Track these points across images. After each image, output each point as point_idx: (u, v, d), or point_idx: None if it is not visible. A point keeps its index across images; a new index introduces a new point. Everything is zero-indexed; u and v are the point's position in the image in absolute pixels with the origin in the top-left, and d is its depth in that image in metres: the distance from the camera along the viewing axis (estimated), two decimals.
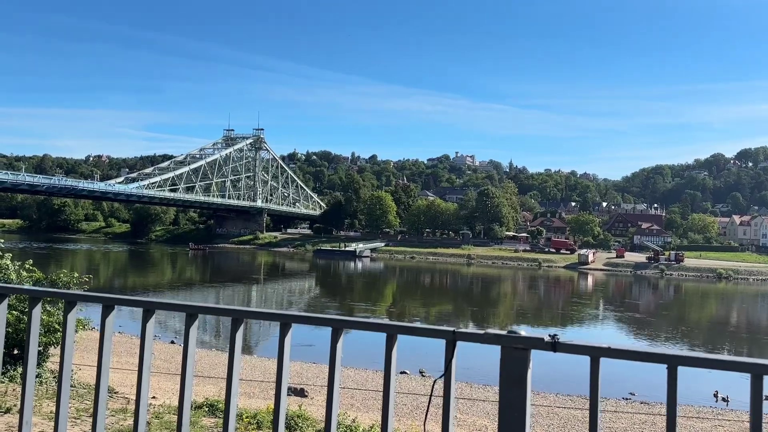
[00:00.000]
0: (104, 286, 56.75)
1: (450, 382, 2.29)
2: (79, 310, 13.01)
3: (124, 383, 14.59)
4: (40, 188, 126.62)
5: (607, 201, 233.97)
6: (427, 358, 23.42)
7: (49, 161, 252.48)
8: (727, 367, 2.05)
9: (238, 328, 2.60)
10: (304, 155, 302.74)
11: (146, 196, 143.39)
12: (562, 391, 22.54)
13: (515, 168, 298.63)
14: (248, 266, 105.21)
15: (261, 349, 30.66)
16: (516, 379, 2.18)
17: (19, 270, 14.42)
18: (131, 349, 22.89)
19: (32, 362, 2.94)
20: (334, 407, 2.48)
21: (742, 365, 2.01)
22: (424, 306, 59.38)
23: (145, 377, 2.66)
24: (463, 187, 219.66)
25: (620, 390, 22.88)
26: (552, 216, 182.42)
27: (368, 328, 2.51)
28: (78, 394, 12.11)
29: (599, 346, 2.16)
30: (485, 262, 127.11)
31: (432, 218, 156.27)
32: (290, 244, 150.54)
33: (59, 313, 13.56)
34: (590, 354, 2.17)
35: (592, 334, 44.59)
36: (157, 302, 2.82)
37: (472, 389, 21.87)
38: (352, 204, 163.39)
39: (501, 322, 48.86)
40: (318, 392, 19.43)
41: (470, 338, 2.26)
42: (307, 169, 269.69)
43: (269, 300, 60.07)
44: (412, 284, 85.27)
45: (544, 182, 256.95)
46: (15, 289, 3.81)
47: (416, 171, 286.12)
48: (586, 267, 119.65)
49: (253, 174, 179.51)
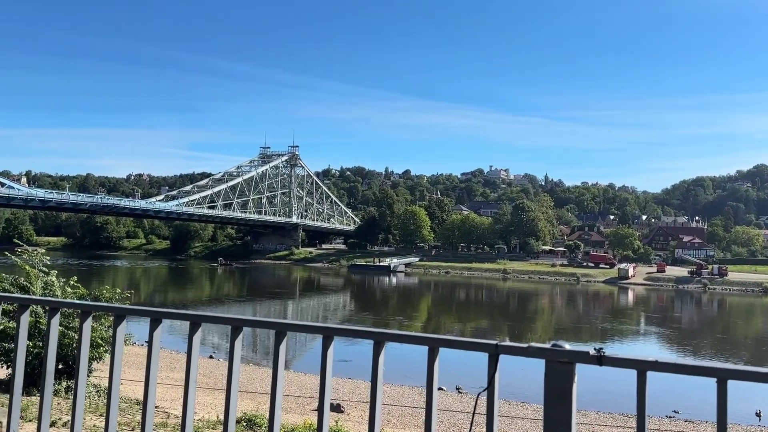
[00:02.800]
0: (145, 302, 57.84)
1: (493, 397, 2.28)
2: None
3: (164, 397, 14.80)
4: (84, 206, 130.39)
5: (646, 214, 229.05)
6: (463, 375, 23.16)
7: (92, 180, 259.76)
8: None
9: (281, 341, 2.63)
10: (338, 171, 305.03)
11: (185, 213, 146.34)
12: (603, 409, 21.99)
13: (551, 181, 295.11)
14: (284, 281, 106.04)
15: (297, 363, 30.77)
16: (561, 393, 2.15)
17: (64, 286, 14.84)
18: (171, 363, 23.24)
19: (83, 375, 3.03)
20: (377, 422, 2.48)
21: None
22: (461, 321, 58.85)
23: (191, 390, 2.71)
24: (498, 201, 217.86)
25: (663, 407, 22.20)
26: (590, 230, 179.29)
27: (410, 341, 2.51)
28: (120, 408, 12.33)
29: (646, 359, 2.11)
30: (521, 277, 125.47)
31: (466, 232, 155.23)
32: (325, 259, 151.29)
33: (102, 328, 13.88)
34: (637, 368, 2.12)
35: (634, 349, 43.51)
36: (204, 315, 2.88)
37: (510, 406, 21.51)
38: (386, 219, 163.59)
39: (540, 337, 48.09)
40: (354, 408, 19.37)
41: (513, 352, 2.24)
42: (341, 184, 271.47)
43: (306, 315, 60.38)
44: (447, 299, 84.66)
45: (582, 195, 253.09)
46: (65, 304, 3.93)
47: (450, 185, 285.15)
48: (626, 282, 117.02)
49: (288, 190, 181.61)
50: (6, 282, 14.57)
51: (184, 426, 2.70)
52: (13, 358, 3.36)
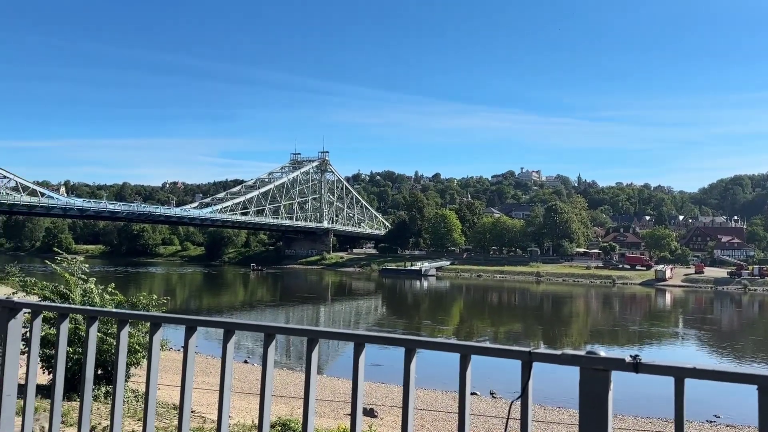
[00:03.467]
0: (181, 308, 58.82)
1: (527, 405, 2.25)
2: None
3: (200, 402, 15.01)
4: (120, 215, 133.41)
5: (683, 214, 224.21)
6: (497, 379, 22.99)
7: (128, 189, 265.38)
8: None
9: (313, 348, 2.65)
10: (368, 176, 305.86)
11: (219, 220, 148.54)
12: (640, 413, 21.53)
13: (584, 182, 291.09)
14: (316, 286, 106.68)
15: (330, 368, 30.89)
16: (596, 401, 2.11)
17: (102, 293, 15.19)
18: (206, 368, 23.56)
19: (121, 381, 3.09)
20: (410, 429, 2.47)
21: None
22: (494, 325, 58.35)
23: (226, 397, 2.74)
24: (530, 203, 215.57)
25: (704, 412, 21.64)
26: (625, 231, 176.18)
27: (442, 348, 2.49)
28: (157, 413, 12.53)
29: (684, 366, 2.06)
30: (555, 280, 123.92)
31: (498, 235, 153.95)
32: (356, 263, 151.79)
33: (138, 335, 14.16)
34: (674, 375, 2.07)
35: (673, 353, 42.52)
36: (238, 323, 2.91)
37: (546, 411, 21.23)
38: (417, 223, 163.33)
39: (575, 341, 47.37)
40: (387, 413, 19.35)
41: (547, 359, 2.21)
42: (371, 189, 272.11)
43: (338, 320, 60.60)
44: (480, 303, 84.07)
45: (616, 196, 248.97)
46: (103, 312, 4.02)
47: (480, 188, 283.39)
48: (663, 283, 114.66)
49: (319, 196, 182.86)
50: (47, 290, 14.99)
51: (220, 430, 2.74)
52: (53, 365, 3.45)
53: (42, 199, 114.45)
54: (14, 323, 3.44)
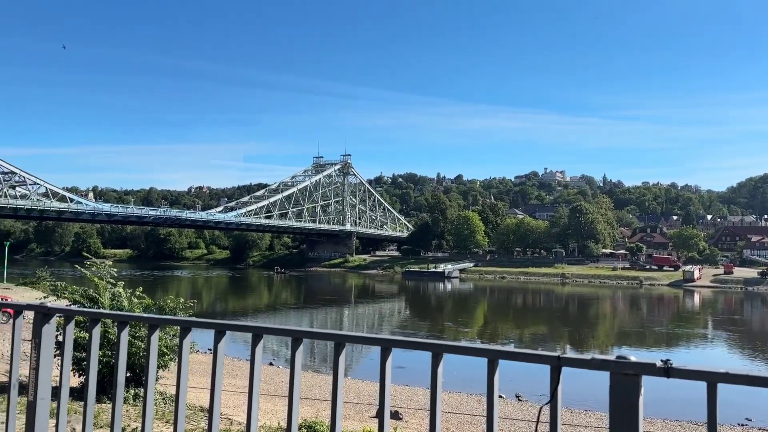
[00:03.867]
0: (207, 311, 59.42)
1: (556, 410, 2.23)
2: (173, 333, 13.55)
3: (227, 404, 15.15)
4: (147, 219, 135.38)
5: (711, 213, 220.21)
6: (523, 382, 22.78)
7: (155, 194, 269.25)
8: None
9: (340, 352, 2.66)
10: (390, 178, 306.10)
11: (243, 224, 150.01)
12: (670, 416, 21.18)
13: (609, 182, 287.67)
14: (340, 289, 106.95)
15: (354, 370, 30.95)
16: (627, 406, 2.09)
17: (131, 297, 15.43)
18: (233, 371, 23.77)
19: (151, 384, 3.14)
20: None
21: None
22: (520, 328, 57.86)
23: (254, 399, 2.77)
24: (554, 204, 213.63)
25: (735, 415, 21.20)
26: (652, 231, 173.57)
27: (469, 353, 2.49)
28: (185, 416, 12.62)
29: (716, 371, 2.03)
30: (581, 281, 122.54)
31: (522, 237, 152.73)
32: (379, 266, 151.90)
33: (167, 338, 14.35)
34: (706, 379, 2.04)
35: (703, 357, 41.73)
36: (265, 327, 2.94)
37: (572, 414, 20.99)
38: (439, 225, 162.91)
39: (603, 344, 46.76)
40: (413, 415, 19.32)
41: (576, 364, 2.19)
42: (394, 191, 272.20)
43: (362, 323, 60.66)
44: (504, 305, 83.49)
45: (642, 196, 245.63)
46: (134, 317, 4.09)
47: (503, 189, 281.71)
48: (691, 284, 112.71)
49: (341, 198, 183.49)
50: (77, 294, 15.28)
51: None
52: (85, 368, 3.52)
53: (71, 205, 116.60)
54: (48, 328, 3.52)
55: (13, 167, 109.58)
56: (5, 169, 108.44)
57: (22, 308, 3.71)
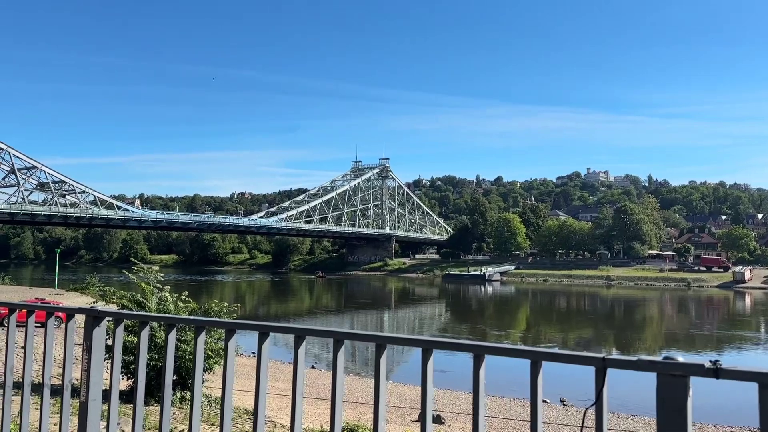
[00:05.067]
0: (250, 314, 60.28)
1: (602, 413, 2.19)
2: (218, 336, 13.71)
3: (270, 407, 15.31)
4: (192, 225, 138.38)
5: (762, 212, 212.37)
6: (568, 386, 22.37)
7: (199, 200, 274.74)
8: None
9: (382, 354, 2.67)
10: (428, 181, 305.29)
11: (284, 228, 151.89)
12: (721, 421, 20.48)
13: (655, 182, 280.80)
14: (380, 292, 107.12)
15: (396, 374, 30.90)
16: (675, 409, 2.03)
17: (176, 301, 15.79)
18: (275, 373, 24.02)
19: (198, 386, 3.21)
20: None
21: None
22: (563, 331, 56.89)
23: (298, 401, 2.81)
24: (597, 205, 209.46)
25: None
26: (700, 231, 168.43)
27: (511, 354, 2.47)
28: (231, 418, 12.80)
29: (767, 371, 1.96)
30: (627, 284, 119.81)
31: (564, 239, 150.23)
32: (419, 269, 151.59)
33: (211, 341, 14.62)
34: (758, 380, 1.96)
35: (755, 359, 40.29)
36: (309, 329, 2.98)
37: (619, 419, 20.52)
38: (479, 227, 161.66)
39: (650, 347, 45.60)
40: (455, 419, 19.19)
41: (622, 365, 2.15)
42: (432, 194, 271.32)
43: (402, 326, 60.62)
44: (547, 308, 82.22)
45: (689, 195, 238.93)
46: (181, 320, 4.18)
47: (545, 190, 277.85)
48: (742, 285, 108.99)
49: (380, 202, 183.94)
50: (125, 299, 15.72)
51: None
52: (134, 371, 3.61)
53: (119, 212, 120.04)
54: (98, 331, 3.64)
55: (63, 176, 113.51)
56: (55, 179, 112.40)
57: (74, 312, 3.84)
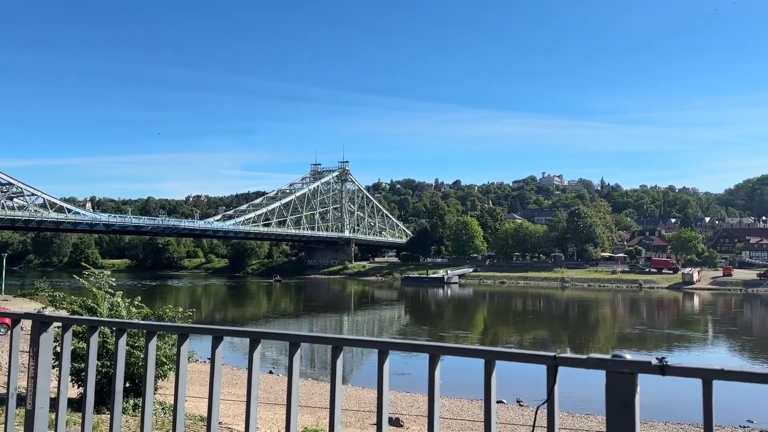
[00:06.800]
0: (206, 319, 59.29)
1: (553, 410, 2.24)
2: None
3: (226, 413, 15.08)
4: (145, 229, 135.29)
5: (710, 216, 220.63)
6: (524, 387, 22.72)
7: (153, 203, 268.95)
8: None
9: (338, 356, 2.67)
10: (388, 184, 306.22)
11: (242, 232, 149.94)
12: (672, 419, 21.14)
13: (607, 186, 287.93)
14: (339, 295, 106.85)
15: (355, 377, 30.86)
16: (623, 405, 2.10)
17: (129, 306, 15.40)
18: (232, 379, 23.67)
19: (149, 392, 3.14)
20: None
21: None
22: (519, 332, 57.82)
23: (253, 406, 2.77)
24: (552, 208, 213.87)
25: (737, 417, 21.17)
26: (651, 234, 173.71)
27: (466, 354, 2.50)
28: (184, 425, 12.54)
29: (711, 368, 2.04)
30: (580, 285, 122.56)
31: (520, 241, 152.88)
32: (378, 272, 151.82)
33: (165, 347, 14.31)
34: (702, 377, 2.05)
35: (702, 357, 41.73)
36: (263, 332, 2.95)
37: (574, 419, 20.95)
38: (438, 230, 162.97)
39: (602, 347, 46.74)
40: (413, 422, 19.27)
41: (572, 363, 2.20)
42: (392, 197, 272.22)
43: (361, 329, 60.57)
44: (504, 310, 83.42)
45: (640, 199, 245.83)
46: (131, 324, 4.08)
47: (501, 194, 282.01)
48: (690, 287, 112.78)
49: (339, 205, 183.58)
50: (75, 304, 15.25)
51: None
52: (84, 378, 3.51)
53: (69, 215, 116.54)
54: (45, 337, 3.52)
55: (10, 178, 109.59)
56: (3, 180, 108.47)
57: (20, 317, 3.71)
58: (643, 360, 2.10)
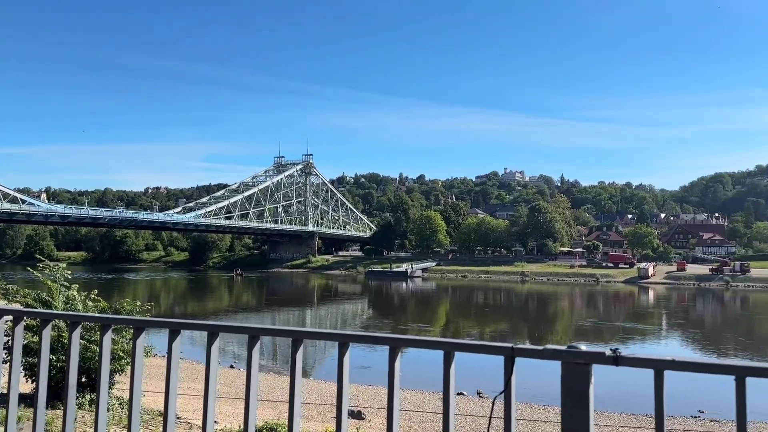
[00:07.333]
0: (165, 313, 58.29)
1: (510, 400, 2.28)
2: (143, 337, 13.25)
3: (187, 408, 14.88)
4: (103, 221, 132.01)
5: (665, 212, 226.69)
6: (484, 379, 23.03)
7: (110, 195, 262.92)
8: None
9: (298, 349, 2.66)
10: (352, 178, 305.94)
11: (203, 225, 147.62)
12: (627, 410, 21.73)
13: (567, 182, 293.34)
14: (302, 289, 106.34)
15: (317, 371, 30.79)
16: (578, 395, 2.15)
17: (85, 300, 15.01)
18: (193, 374, 23.37)
19: (104, 387, 3.07)
20: (395, 427, 2.49)
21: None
22: (480, 324, 58.56)
23: (210, 400, 2.74)
24: (514, 203, 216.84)
25: (688, 407, 21.89)
26: (608, 229, 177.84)
27: (425, 345, 2.52)
28: (143, 420, 12.40)
29: (663, 358, 2.11)
30: (540, 279, 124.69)
31: (483, 236, 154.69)
32: (342, 266, 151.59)
33: (123, 341, 14.01)
34: (654, 367, 2.12)
35: (655, 349, 42.98)
36: (221, 325, 2.91)
37: (533, 410, 21.34)
38: (402, 224, 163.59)
39: (560, 339, 47.70)
40: (375, 414, 19.34)
41: (529, 354, 2.24)
42: (356, 191, 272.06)
43: (324, 323, 60.45)
44: (465, 303, 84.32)
45: (598, 195, 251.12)
46: (87, 317, 3.99)
47: (465, 189, 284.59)
48: (646, 281, 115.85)
49: (303, 199, 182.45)
50: (29, 297, 14.79)
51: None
52: (36, 373, 3.41)
53: (23, 206, 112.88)
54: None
55: None
56: None
57: None
58: (597, 351, 2.16)
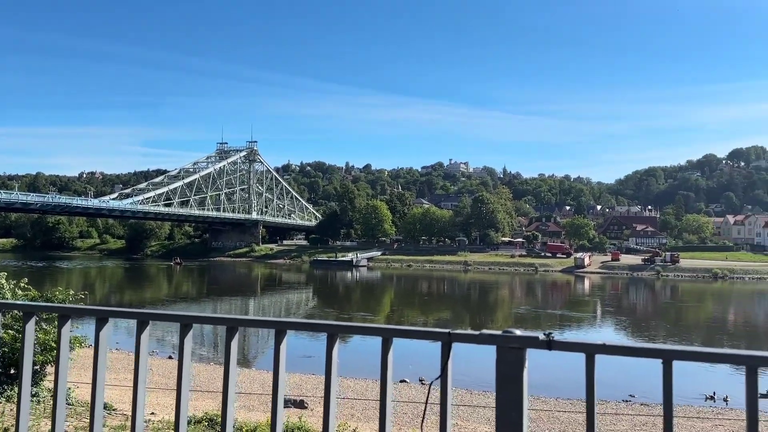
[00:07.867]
0: (100, 303, 56.40)
1: (446, 385, 2.29)
2: (75, 327, 12.83)
3: (123, 400, 14.45)
4: (34, 206, 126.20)
5: (601, 204, 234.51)
6: (426, 366, 23.34)
7: (42, 179, 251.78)
8: (722, 360, 2.04)
9: (233, 337, 2.59)
10: (298, 166, 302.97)
11: (140, 212, 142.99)
12: (563, 395, 22.51)
13: (509, 174, 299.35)
14: (245, 278, 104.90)
15: (259, 361, 30.51)
16: (512, 378, 2.18)
17: (14, 289, 14.34)
18: (130, 365, 22.71)
19: (27, 378, 2.92)
20: (332, 415, 2.46)
21: (737, 357, 2.01)
22: (422, 313, 59.32)
23: (140, 391, 2.64)
24: (458, 194, 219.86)
25: (620, 392, 22.86)
26: (547, 220, 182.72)
27: (364, 332, 2.50)
28: (76, 412, 11.97)
29: (594, 342, 2.16)
30: (482, 268, 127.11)
31: (427, 226, 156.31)
32: (286, 255, 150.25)
33: (55, 331, 13.47)
34: (585, 351, 2.17)
35: (589, 335, 44.59)
36: (151, 313, 2.81)
37: (473, 396, 21.80)
38: (348, 214, 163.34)
39: (500, 325, 48.65)
40: (318, 403, 19.32)
41: (466, 339, 2.26)
42: (302, 180, 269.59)
43: (266, 312, 59.87)
44: (409, 292, 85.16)
45: (539, 187, 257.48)
46: (8, 305, 3.79)
47: (410, 179, 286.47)
48: (582, 270, 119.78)
49: (247, 186, 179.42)
50: None
51: (134, 426, 2.63)
52: None
53: None
54: None
55: None
56: None
57: None
58: (531, 335, 2.19)
